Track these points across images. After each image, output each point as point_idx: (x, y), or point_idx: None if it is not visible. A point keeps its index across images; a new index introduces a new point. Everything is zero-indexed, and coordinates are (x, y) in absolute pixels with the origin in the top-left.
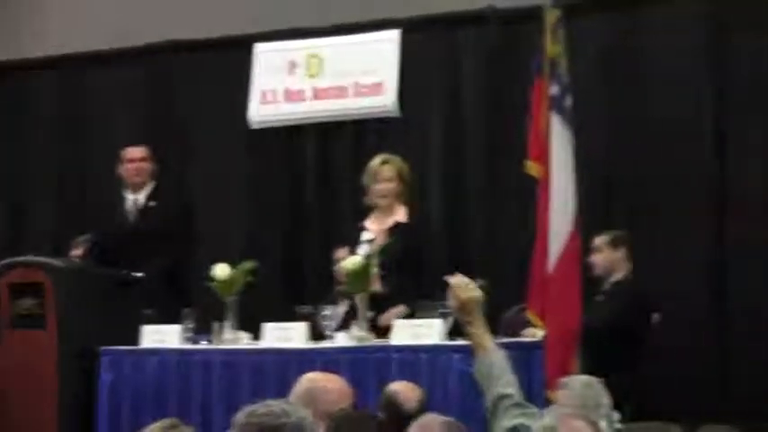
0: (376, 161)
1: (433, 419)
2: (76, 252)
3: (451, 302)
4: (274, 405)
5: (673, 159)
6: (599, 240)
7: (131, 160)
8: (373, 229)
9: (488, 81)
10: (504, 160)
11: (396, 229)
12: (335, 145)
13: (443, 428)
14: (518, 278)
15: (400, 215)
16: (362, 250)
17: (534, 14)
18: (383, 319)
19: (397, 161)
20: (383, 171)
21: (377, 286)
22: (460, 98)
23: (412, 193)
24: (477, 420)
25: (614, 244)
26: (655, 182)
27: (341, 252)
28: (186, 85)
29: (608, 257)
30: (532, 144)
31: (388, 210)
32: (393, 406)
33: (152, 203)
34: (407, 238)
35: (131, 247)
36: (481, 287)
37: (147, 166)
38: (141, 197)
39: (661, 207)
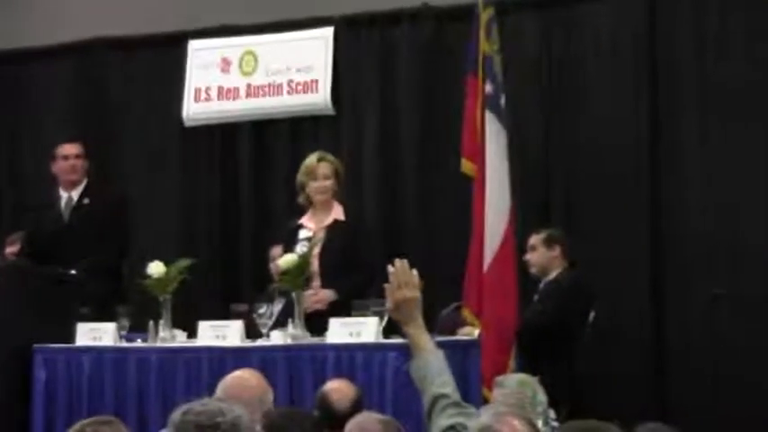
0: (312, 158)
1: (370, 418)
2: (11, 250)
3: (388, 303)
4: (210, 404)
5: (609, 157)
6: (534, 239)
7: (66, 157)
8: (311, 227)
9: (423, 79)
10: (438, 158)
11: (335, 226)
12: (270, 143)
13: (381, 427)
14: (454, 276)
15: (338, 213)
16: (300, 248)
17: (468, 12)
18: (310, 303)
19: (332, 159)
20: (320, 168)
21: (317, 285)
22: (395, 96)
23: (344, 191)
24: (413, 418)
25: (549, 242)
26: (592, 180)
27: (276, 250)
28: (119, 82)
29: (543, 256)
30: (467, 142)
31: (326, 207)
32: (327, 405)
33: (86, 201)
34: (347, 237)
35: (66, 245)
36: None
37: (81, 162)
38: (75, 195)
39: (598, 205)
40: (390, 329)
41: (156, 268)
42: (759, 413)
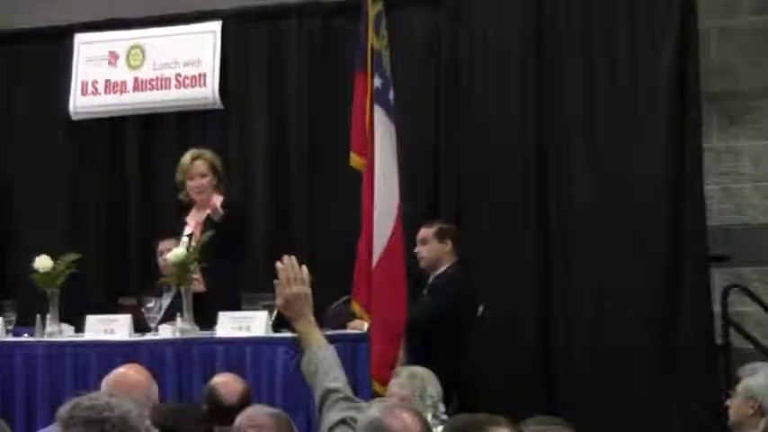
0: (187, 158)
1: (260, 411)
2: None
3: (278, 299)
4: (99, 398)
5: (496, 158)
6: (425, 232)
7: None
8: (192, 224)
9: (312, 73)
10: (327, 153)
11: (209, 220)
12: (157, 136)
13: (271, 420)
14: (343, 270)
15: (214, 206)
16: (184, 244)
17: (357, 7)
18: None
19: (208, 155)
20: (195, 167)
21: (199, 285)
22: (284, 90)
23: (227, 183)
24: (302, 412)
25: (441, 236)
26: (480, 180)
27: (165, 244)
28: (4, 74)
29: (434, 249)
30: (356, 137)
31: (206, 203)
32: (215, 398)
33: None
34: (221, 227)
35: None
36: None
37: None
38: None
39: (489, 201)
40: (280, 323)
41: (42, 262)
42: (642, 404)
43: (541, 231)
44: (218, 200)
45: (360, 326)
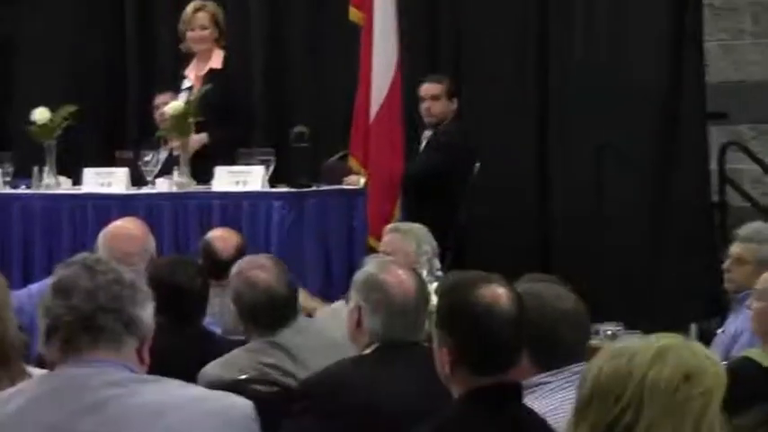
0: (189, 8)
1: (259, 256)
2: None
3: None
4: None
5: (500, 8)
6: (437, 88)
7: None
8: (191, 77)
9: None
10: (326, 6)
11: (209, 75)
12: None
13: (270, 261)
14: (340, 125)
15: (216, 61)
16: (183, 98)
17: None
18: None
19: (211, 6)
20: (197, 18)
21: (194, 135)
22: None
23: (226, 37)
24: (298, 265)
25: (451, 94)
26: (482, 31)
27: (162, 98)
28: None
29: (444, 106)
30: None
31: (206, 56)
32: (211, 252)
33: None
34: (221, 85)
35: None
36: (302, 133)
37: None
38: None
39: (488, 57)
40: (276, 179)
41: (40, 114)
42: (638, 263)
43: (540, 89)
44: (219, 55)
45: (356, 181)
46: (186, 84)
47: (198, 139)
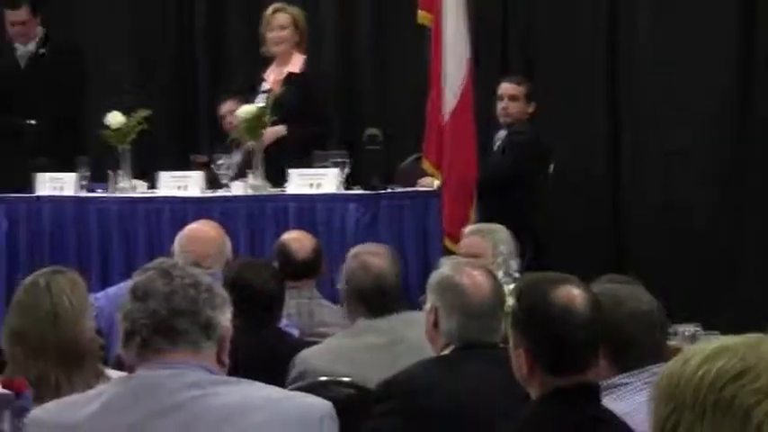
0: (269, 10)
1: (377, 245)
2: None
3: None
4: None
5: (570, 6)
6: (516, 89)
7: (13, 24)
8: (270, 80)
9: None
10: (396, 9)
11: (288, 79)
12: None
13: (383, 249)
14: (413, 128)
15: (296, 65)
16: (260, 100)
17: None
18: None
19: (291, 9)
20: (276, 19)
21: (272, 128)
22: None
23: (306, 41)
24: None
25: (529, 97)
26: (552, 33)
27: (227, 106)
28: None
29: (522, 109)
30: None
31: (285, 59)
32: (287, 254)
33: (42, 51)
34: (299, 90)
35: (23, 96)
36: (374, 136)
37: (30, 27)
38: (31, 46)
39: (558, 56)
40: (349, 181)
41: (114, 119)
42: (709, 260)
43: (611, 90)
44: (299, 58)
45: (430, 183)
46: (264, 86)
47: (275, 130)
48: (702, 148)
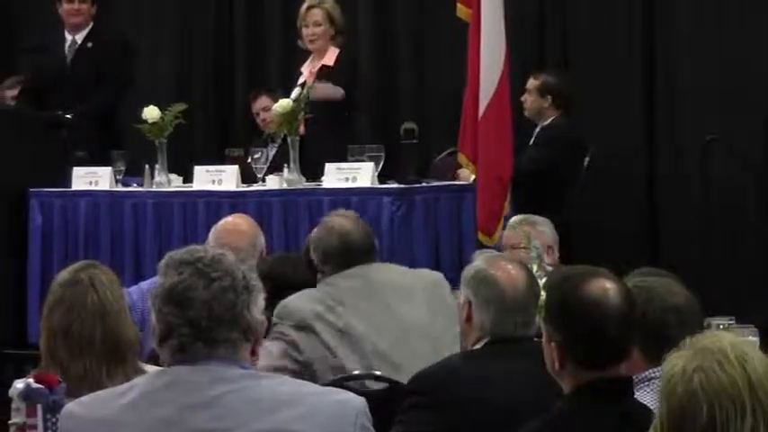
0: (304, 5)
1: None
2: (10, 93)
3: None
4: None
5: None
6: (530, 83)
7: (70, 0)
8: (306, 73)
9: None
10: (432, 2)
11: (321, 72)
12: None
13: (354, 215)
14: (448, 121)
15: (329, 58)
16: (295, 93)
17: None
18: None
19: (326, 3)
20: (311, 15)
21: (302, 130)
22: None
23: (342, 34)
24: (406, 259)
25: (542, 91)
26: (585, 27)
27: (259, 103)
28: None
29: (535, 103)
30: None
31: (321, 52)
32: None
33: (89, 44)
34: (332, 82)
35: (67, 88)
36: (411, 130)
37: (86, 6)
38: (79, 38)
39: (594, 52)
40: (384, 175)
41: (150, 113)
42: (750, 258)
43: (647, 82)
44: (333, 52)
45: (467, 177)
46: (301, 80)
47: (325, 87)
48: (742, 142)
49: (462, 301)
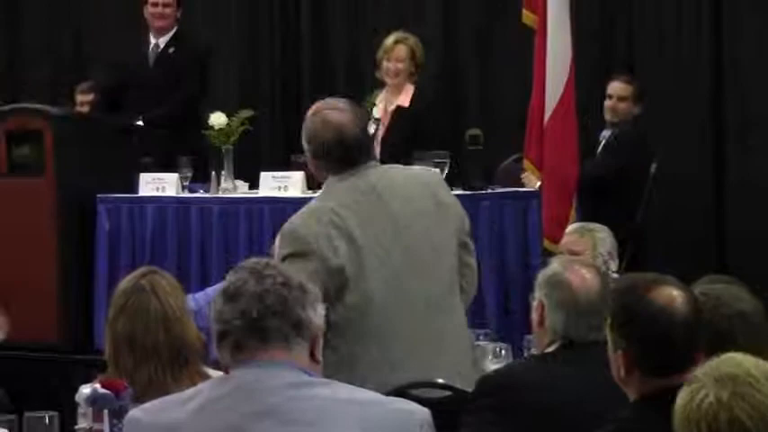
0: (390, 39)
1: (338, 99)
2: (84, 99)
3: None
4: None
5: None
6: (626, 89)
7: (155, 4)
8: (380, 108)
9: None
10: (500, 9)
11: (397, 113)
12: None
13: (349, 104)
14: (514, 127)
15: (405, 99)
16: (371, 129)
17: None
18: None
19: (411, 40)
20: (396, 51)
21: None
22: None
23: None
24: None
25: (637, 98)
26: (652, 33)
27: None
28: None
29: (629, 109)
30: None
31: (398, 89)
32: None
33: (171, 50)
34: (407, 123)
35: (145, 92)
36: (476, 136)
37: (171, 10)
38: (162, 42)
39: (661, 54)
40: (450, 181)
41: (217, 119)
42: None
43: (715, 87)
44: (409, 90)
45: (533, 183)
46: (375, 113)
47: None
48: None
49: (536, 303)
